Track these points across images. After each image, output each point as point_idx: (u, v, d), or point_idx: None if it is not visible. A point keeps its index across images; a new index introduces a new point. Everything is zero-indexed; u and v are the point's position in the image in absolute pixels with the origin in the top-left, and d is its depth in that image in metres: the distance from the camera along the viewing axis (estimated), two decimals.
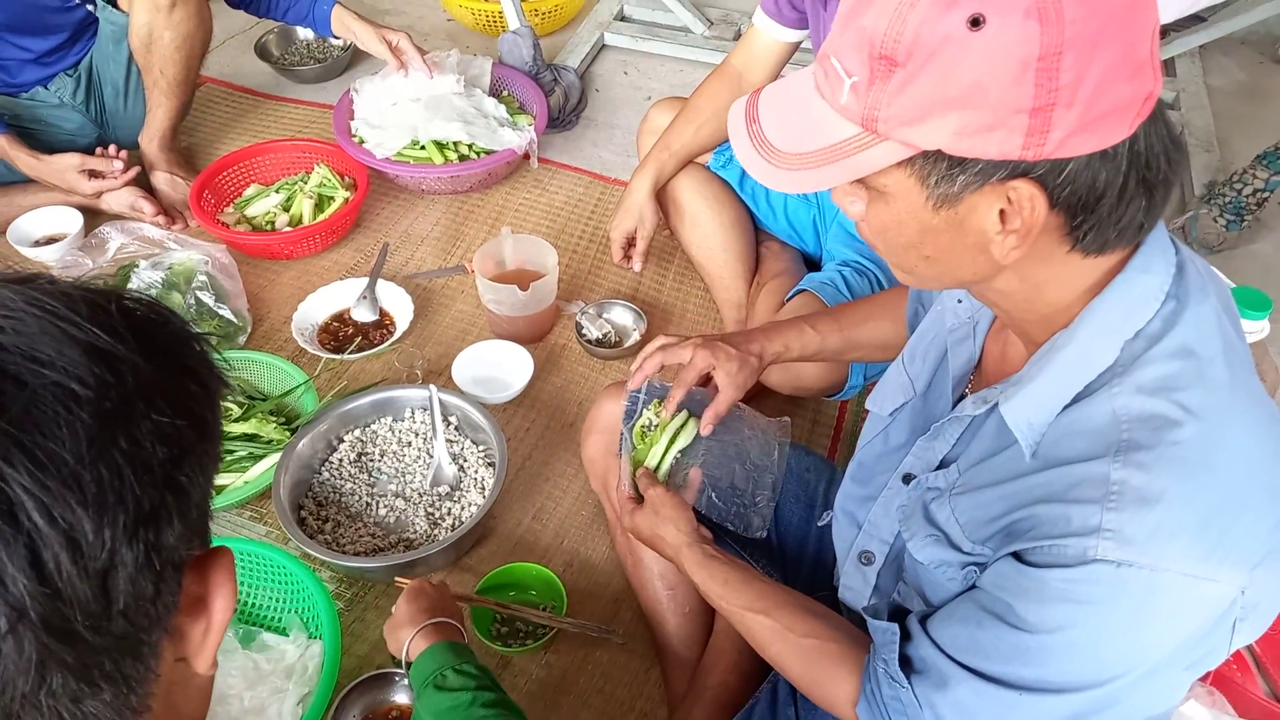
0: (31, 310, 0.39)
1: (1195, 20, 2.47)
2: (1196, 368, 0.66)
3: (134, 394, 0.40)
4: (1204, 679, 1.26)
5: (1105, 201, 0.62)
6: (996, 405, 0.73)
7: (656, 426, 1.13)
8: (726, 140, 1.64)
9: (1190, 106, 2.35)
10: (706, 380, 1.53)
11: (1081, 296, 0.69)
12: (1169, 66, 2.50)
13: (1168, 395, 0.65)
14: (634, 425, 1.16)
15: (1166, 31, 2.48)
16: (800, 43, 1.58)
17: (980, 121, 0.59)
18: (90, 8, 1.91)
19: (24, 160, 1.85)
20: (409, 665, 1.02)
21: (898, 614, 0.84)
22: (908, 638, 0.78)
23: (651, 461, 1.12)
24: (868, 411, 0.98)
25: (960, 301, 0.85)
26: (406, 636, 1.04)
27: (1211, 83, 2.47)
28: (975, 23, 0.57)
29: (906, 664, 0.77)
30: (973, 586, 0.76)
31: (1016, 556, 0.69)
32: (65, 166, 1.87)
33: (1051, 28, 0.56)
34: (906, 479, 0.86)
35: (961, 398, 0.84)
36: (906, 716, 0.76)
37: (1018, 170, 0.61)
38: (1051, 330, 0.71)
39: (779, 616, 0.90)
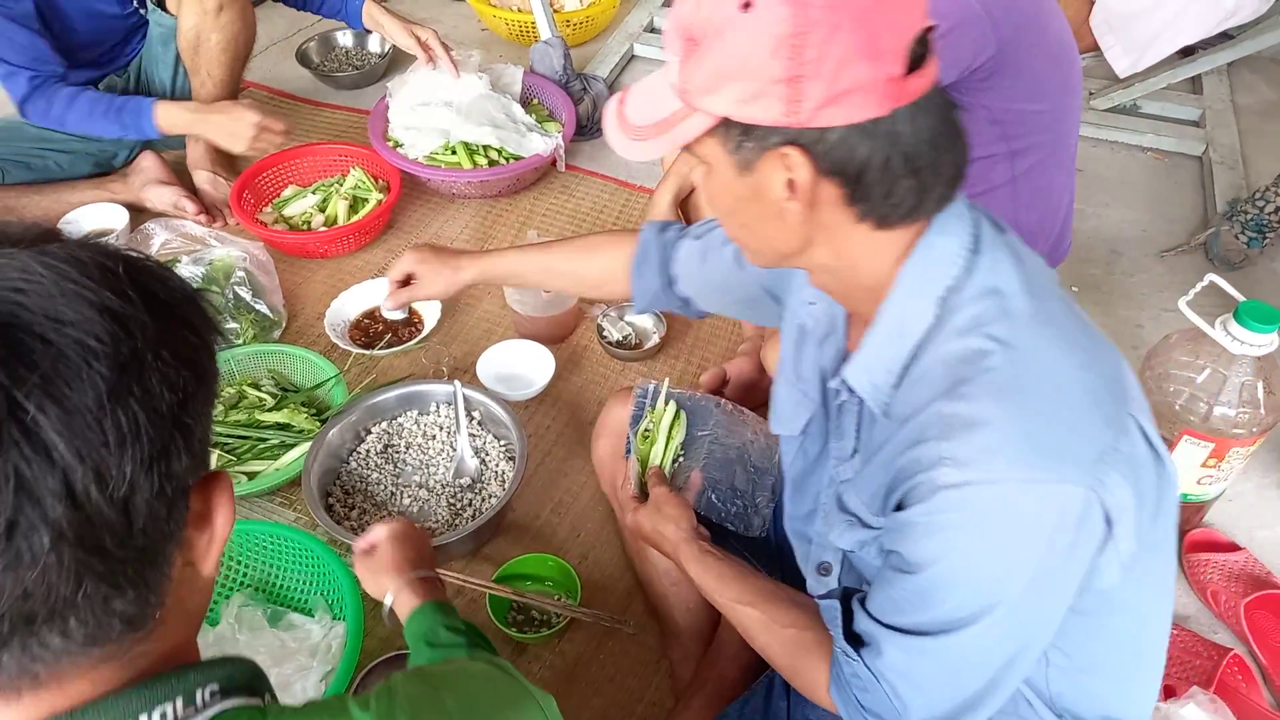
0: (50, 275, 0.45)
1: (1223, 38, 2.47)
2: (1000, 303, 0.74)
3: (144, 348, 0.46)
4: (1206, 686, 1.27)
5: (869, 175, 0.71)
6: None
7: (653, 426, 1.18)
8: None
9: (1216, 124, 2.34)
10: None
11: (893, 268, 0.77)
12: (1196, 83, 2.49)
13: (978, 330, 0.72)
14: (639, 429, 1.20)
15: (1195, 49, 2.48)
16: None
17: (751, 90, 0.68)
18: (142, 11, 1.99)
19: (184, 117, 1.90)
20: (390, 612, 1.01)
21: None
22: (853, 617, 0.83)
23: (655, 459, 1.16)
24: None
25: (813, 304, 0.91)
26: (390, 584, 1.02)
27: (1239, 100, 2.47)
28: (746, 5, 0.67)
29: (857, 641, 0.81)
30: None
31: (896, 509, 0.75)
32: (243, 112, 1.90)
33: (800, 12, 0.66)
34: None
35: None
36: (867, 691, 0.79)
37: (788, 137, 0.70)
38: (879, 303, 0.78)
39: (765, 609, 0.93)
